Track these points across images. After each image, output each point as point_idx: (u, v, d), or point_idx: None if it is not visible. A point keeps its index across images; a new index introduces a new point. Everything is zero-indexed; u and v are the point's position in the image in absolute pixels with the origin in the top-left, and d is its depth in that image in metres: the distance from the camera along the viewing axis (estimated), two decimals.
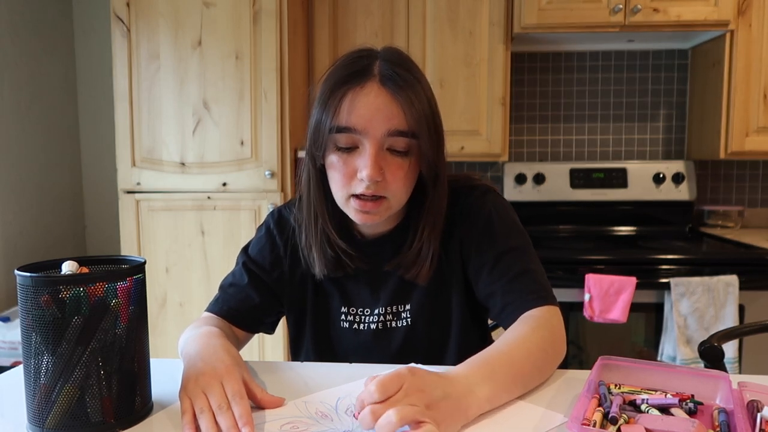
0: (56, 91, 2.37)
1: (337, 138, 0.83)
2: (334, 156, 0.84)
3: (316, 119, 0.85)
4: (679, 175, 2.33)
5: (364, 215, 0.85)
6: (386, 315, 0.95)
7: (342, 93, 0.83)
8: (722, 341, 1.18)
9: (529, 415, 0.68)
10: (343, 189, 0.85)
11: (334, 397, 0.73)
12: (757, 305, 1.80)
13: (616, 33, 2.08)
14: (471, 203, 0.93)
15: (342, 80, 0.84)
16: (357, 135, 0.82)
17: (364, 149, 0.82)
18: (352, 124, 0.81)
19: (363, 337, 0.96)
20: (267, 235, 0.99)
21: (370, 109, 0.81)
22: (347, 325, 0.96)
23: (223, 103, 1.93)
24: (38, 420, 0.63)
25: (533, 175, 2.36)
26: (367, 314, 0.96)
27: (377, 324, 0.95)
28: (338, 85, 0.83)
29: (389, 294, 0.95)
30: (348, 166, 0.83)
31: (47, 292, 0.61)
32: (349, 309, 0.97)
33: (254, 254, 0.99)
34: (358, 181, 0.83)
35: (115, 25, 1.94)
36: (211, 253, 1.98)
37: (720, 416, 0.64)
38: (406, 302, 0.95)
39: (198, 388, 0.67)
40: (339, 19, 2.18)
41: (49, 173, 2.33)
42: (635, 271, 1.80)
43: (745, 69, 2.07)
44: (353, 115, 0.81)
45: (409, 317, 0.95)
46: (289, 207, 1.00)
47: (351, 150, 0.83)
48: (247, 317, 0.96)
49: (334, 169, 0.85)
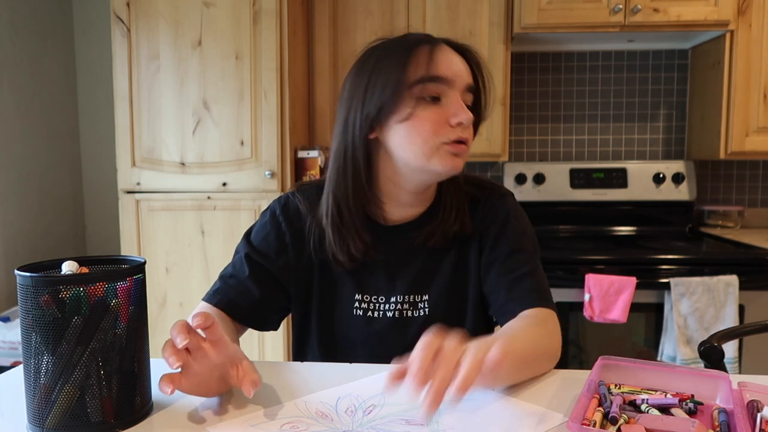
0: (56, 91, 2.37)
1: (425, 88, 0.84)
2: (419, 108, 0.85)
3: (390, 77, 0.84)
4: (679, 175, 2.33)
5: (457, 159, 0.87)
6: (403, 304, 0.94)
7: (424, 48, 0.85)
8: (722, 341, 1.18)
9: (529, 415, 0.68)
10: (433, 137, 0.85)
11: (334, 397, 0.73)
12: (757, 305, 1.80)
13: (616, 33, 2.08)
14: (494, 201, 0.97)
15: (414, 41, 0.87)
16: (444, 85, 0.85)
17: (449, 99, 0.86)
18: (442, 73, 0.84)
19: (377, 325, 0.94)
20: (272, 221, 0.97)
21: (454, 62, 0.86)
22: (360, 313, 0.95)
23: (223, 103, 1.93)
24: (38, 420, 0.63)
25: (533, 175, 2.36)
26: (382, 302, 0.95)
27: (393, 312, 0.94)
28: (414, 44, 0.86)
29: (407, 283, 0.95)
30: (439, 114, 0.85)
31: (47, 292, 0.61)
32: (363, 296, 0.95)
33: (258, 242, 0.97)
34: (449, 129, 0.85)
35: (115, 25, 1.94)
36: (211, 253, 1.98)
37: (720, 416, 0.64)
38: (424, 292, 0.95)
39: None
40: (339, 19, 2.18)
41: (49, 173, 2.33)
42: (635, 271, 1.80)
43: (745, 69, 2.07)
44: (442, 66, 0.85)
45: (427, 308, 0.95)
46: (298, 193, 0.98)
47: (436, 100, 0.85)
48: (247, 312, 0.95)
49: (422, 119, 0.85)
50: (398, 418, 0.67)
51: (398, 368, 0.62)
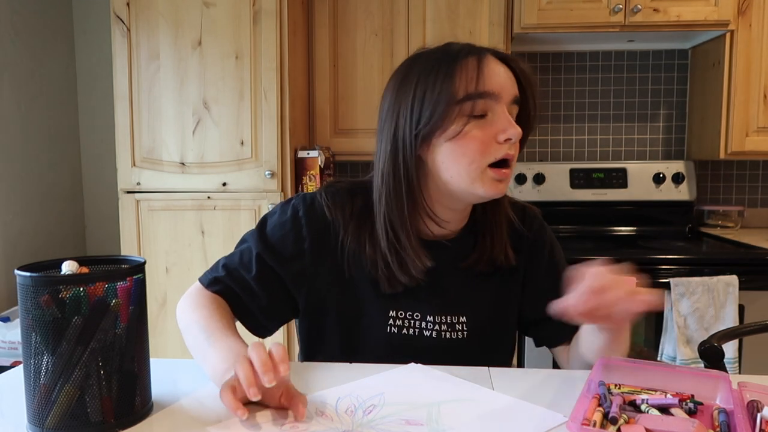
0: (56, 91, 2.37)
1: (472, 106, 0.81)
2: (468, 126, 0.81)
3: (440, 93, 0.80)
4: (679, 175, 2.33)
5: (501, 185, 0.84)
6: (441, 324, 0.91)
7: (471, 61, 0.81)
8: (722, 341, 1.18)
9: (529, 415, 0.68)
10: (480, 157, 0.81)
11: (334, 397, 0.73)
12: (757, 305, 1.80)
13: (616, 33, 2.07)
14: (536, 230, 0.98)
15: (460, 53, 0.82)
16: (491, 100, 0.81)
17: (496, 114, 0.82)
18: (489, 88, 0.81)
19: (415, 343, 0.90)
20: (293, 221, 0.91)
21: (500, 75, 0.82)
22: (395, 330, 0.90)
23: (223, 103, 1.93)
24: (38, 420, 0.63)
25: (533, 175, 2.36)
26: (417, 319, 0.91)
27: (431, 332, 0.91)
28: (461, 56, 0.82)
29: (444, 302, 0.92)
30: (486, 132, 0.81)
31: (47, 292, 0.61)
32: (397, 313, 0.91)
33: (274, 240, 0.90)
34: (496, 146, 0.82)
35: (115, 25, 1.94)
36: (211, 253, 1.98)
37: (720, 416, 0.64)
38: (461, 313, 0.92)
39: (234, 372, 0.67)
40: (339, 19, 2.18)
41: (49, 173, 2.33)
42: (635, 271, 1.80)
43: (745, 69, 2.06)
44: (489, 81, 0.81)
45: (466, 330, 0.92)
46: (326, 196, 0.91)
47: (483, 117, 0.82)
48: (246, 312, 0.91)
49: (471, 137, 0.81)
50: (398, 418, 0.67)
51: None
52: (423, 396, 0.73)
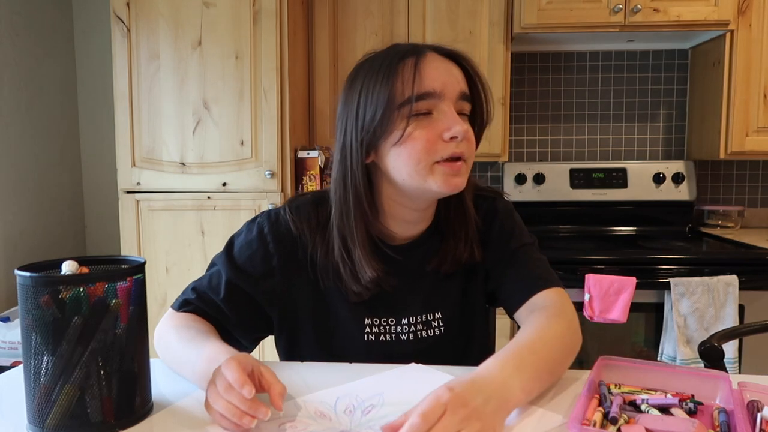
0: (56, 91, 2.37)
1: (414, 107, 0.80)
2: (410, 127, 0.80)
3: (380, 99, 0.80)
4: (679, 175, 2.33)
5: (455, 179, 0.82)
6: (416, 324, 0.92)
7: (408, 63, 0.81)
8: (722, 341, 1.18)
9: (529, 415, 0.68)
10: (427, 156, 0.80)
11: (333, 397, 0.73)
12: (757, 305, 1.80)
13: (616, 33, 2.07)
14: (487, 208, 0.96)
15: (399, 56, 0.82)
16: (435, 99, 0.81)
17: (442, 112, 0.81)
18: (431, 88, 0.80)
19: (392, 349, 0.91)
20: (259, 239, 0.90)
21: (442, 72, 0.82)
22: (373, 338, 0.91)
23: (223, 103, 1.93)
24: (38, 420, 0.63)
25: (533, 175, 2.36)
26: (392, 323, 0.91)
27: (407, 335, 0.91)
28: (398, 59, 0.82)
29: (418, 304, 0.92)
30: (431, 131, 0.80)
31: (47, 292, 0.61)
32: (373, 320, 0.91)
33: (241, 261, 0.90)
34: (443, 144, 0.81)
35: (115, 25, 1.94)
36: (211, 253, 1.97)
37: (720, 416, 0.64)
38: (435, 311, 0.93)
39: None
40: (339, 19, 2.18)
41: (49, 173, 2.33)
42: (635, 271, 1.80)
43: (745, 69, 2.06)
44: (429, 80, 0.80)
45: (442, 326, 0.93)
46: (290, 211, 0.91)
47: (428, 115, 0.81)
48: (220, 330, 0.89)
49: (414, 138, 0.80)
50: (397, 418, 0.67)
51: (393, 424, 0.60)
52: (422, 396, 0.73)
